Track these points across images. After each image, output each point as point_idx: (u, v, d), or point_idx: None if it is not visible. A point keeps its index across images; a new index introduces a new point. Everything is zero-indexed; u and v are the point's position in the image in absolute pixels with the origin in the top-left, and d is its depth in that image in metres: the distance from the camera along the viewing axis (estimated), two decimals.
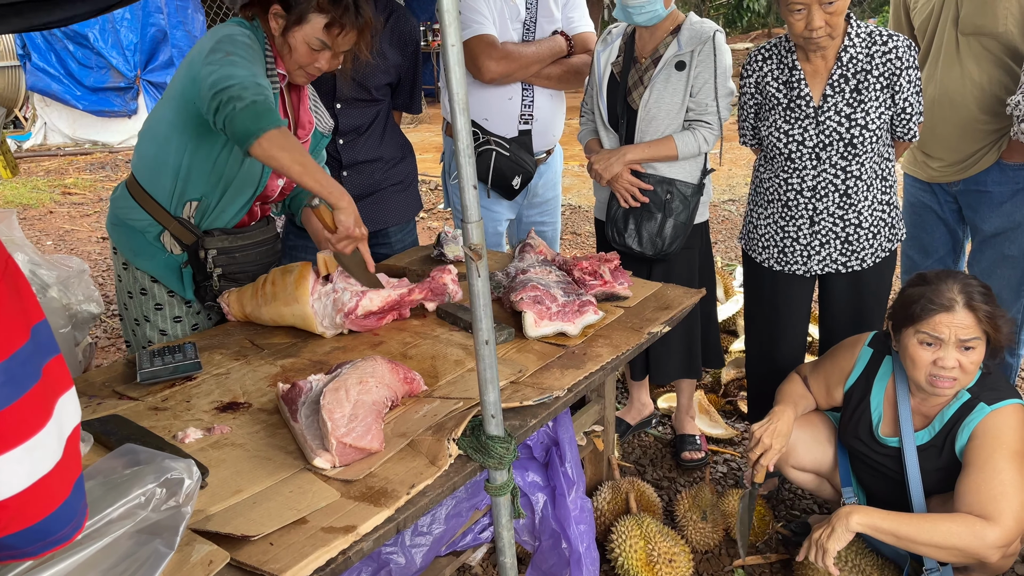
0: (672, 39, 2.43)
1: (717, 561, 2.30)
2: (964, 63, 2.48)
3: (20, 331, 0.75)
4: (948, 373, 1.83)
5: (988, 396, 1.88)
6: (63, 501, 0.77)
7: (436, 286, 2.09)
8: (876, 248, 2.35)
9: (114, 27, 8.96)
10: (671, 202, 2.45)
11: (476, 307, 1.35)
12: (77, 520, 0.82)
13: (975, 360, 1.84)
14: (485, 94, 2.69)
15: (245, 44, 1.87)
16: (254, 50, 1.88)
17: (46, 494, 0.75)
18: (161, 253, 2.06)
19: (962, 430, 1.88)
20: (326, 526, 1.24)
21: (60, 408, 0.78)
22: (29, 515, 0.75)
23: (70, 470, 0.78)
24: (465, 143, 1.28)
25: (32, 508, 0.75)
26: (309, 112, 2.15)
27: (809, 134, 2.24)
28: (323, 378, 1.58)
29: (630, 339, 1.92)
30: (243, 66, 1.81)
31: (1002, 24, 2.38)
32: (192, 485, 1.19)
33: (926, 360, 1.86)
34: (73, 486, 0.79)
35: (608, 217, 2.55)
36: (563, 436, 1.98)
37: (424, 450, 1.45)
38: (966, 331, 1.80)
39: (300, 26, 1.91)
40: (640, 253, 2.50)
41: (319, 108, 2.22)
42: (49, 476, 0.75)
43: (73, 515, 0.80)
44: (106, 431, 1.47)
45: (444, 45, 1.23)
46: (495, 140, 2.68)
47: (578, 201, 6.65)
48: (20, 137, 9.67)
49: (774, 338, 2.53)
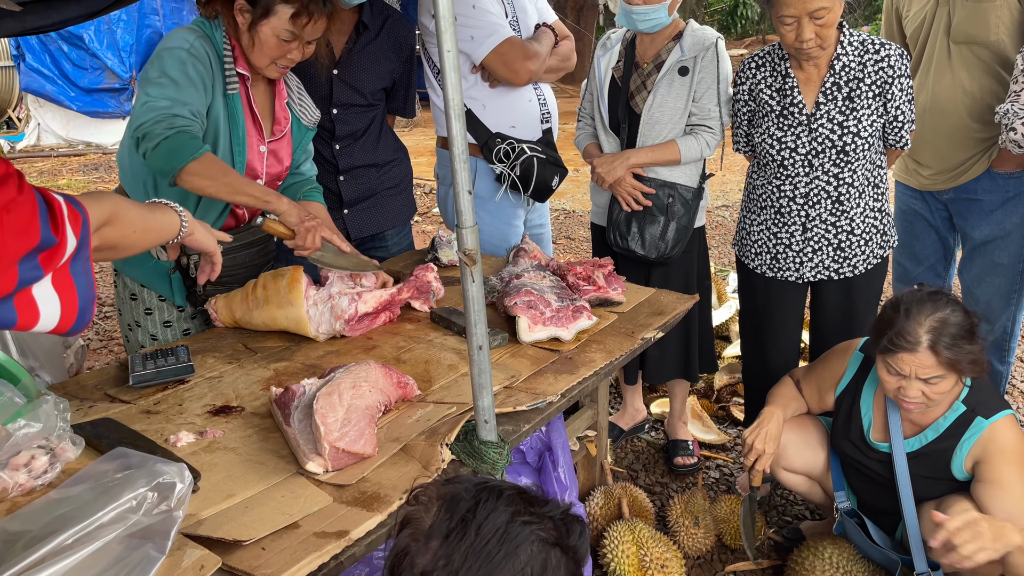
0: (674, 44, 2.44)
1: (709, 567, 2.30)
2: (955, 71, 2.49)
3: None
4: (912, 400, 1.85)
5: (984, 409, 1.88)
6: (73, 324, 1.13)
7: (421, 284, 2.12)
8: (868, 255, 2.36)
9: (109, 28, 8.93)
10: (673, 205, 2.47)
11: (470, 312, 1.35)
12: (88, 320, 1.16)
13: (941, 390, 1.83)
14: (508, 101, 2.61)
15: (180, 61, 1.84)
16: (192, 63, 1.85)
17: (66, 321, 1.12)
18: (149, 259, 2.04)
19: (961, 444, 1.89)
20: (318, 531, 1.24)
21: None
22: (64, 329, 1.13)
23: (70, 305, 1.12)
24: (460, 148, 1.29)
25: (62, 325, 1.12)
26: (284, 108, 2.11)
27: (802, 141, 2.26)
28: (316, 382, 1.58)
29: (623, 344, 1.92)
30: (167, 91, 1.81)
31: (994, 33, 2.40)
32: (184, 489, 1.19)
33: (892, 385, 1.87)
34: (77, 310, 1.12)
35: (610, 221, 2.55)
36: (556, 441, 1.99)
37: (417, 455, 1.45)
38: (926, 371, 1.80)
39: (267, 19, 1.87)
40: (643, 256, 2.50)
41: (304, 101, 2.17)
42: (63, 314, 1.11)
43: (85, 321, 1.15)
44: (98, 434, 1.46)
45: (440, 51, 1.23)
46: (529, 146, 2.60)
47: (572, 206, 6.66)
48: (13, 138, 9.63)
49: (768, 344, 2.54)
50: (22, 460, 1.32)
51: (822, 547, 2.08)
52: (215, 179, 1.80)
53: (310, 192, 2.20)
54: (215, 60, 1.91)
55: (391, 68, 2.56)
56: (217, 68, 1.92)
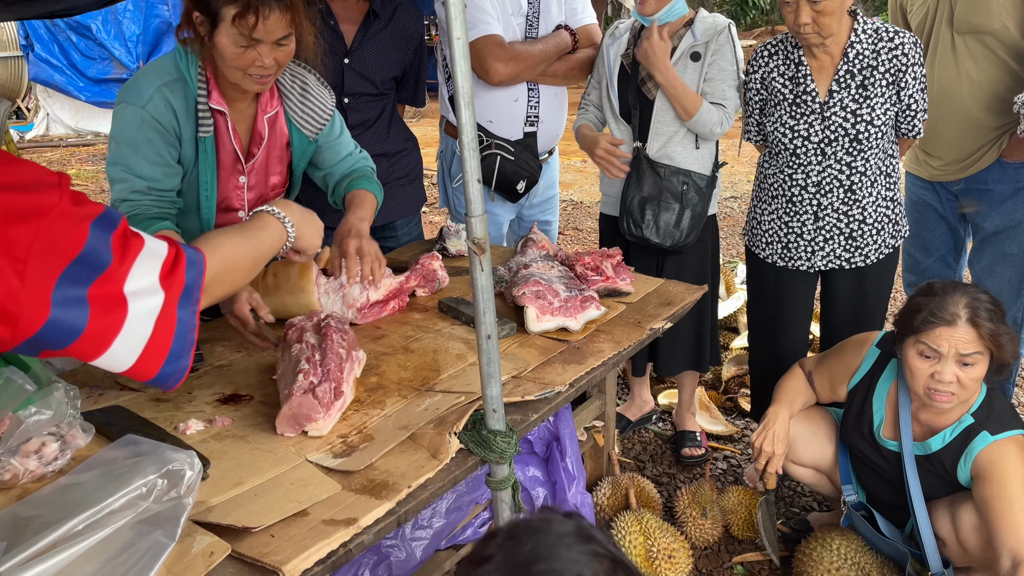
0: (686, 31, 2.43)
1: (716, 557, 2.30)
2: (960, 62, 2.47)
3: None
4: (945, 387, 1.81)
5: (992, 425, 1.85)
6: (160, 368, 1.05)
7: (427, 272, 2.13)
8: (880, 244, 2.34)
9: (117, 18, 8.94)
10: (687, 193, 2.45)
11: (479, 301, 1.35)
12: (178, 374, 1.09)
13: (975, 376, 1.81)
14: (491, 96, 2.64)
15: (134, 126, 1.73)
16: (146, 126, 1.73)
17: (148, 364, 1.04)
18: None
19: (964, 457, 1.87)
20: (327, 518, 1.24)
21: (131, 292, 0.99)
22: (144, 375, 1.05)
23: (162, 343, 1.04)
24: (469, 136, 1.28)
25: (143, 372, 1.05)
26: (264, 124, 1.91)
27: (815, 129, 2.24)
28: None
29: (632, 335, 1.92)
30: (123, 156, 1.74)
31: (997, 20, 2.36)
32: (193, 476, 1.20)
33: (924, 372, 1.83)
34: (166, 357, 1.05)
35: (623, 209, 2.51)
36: (564, 431, 1.99)
37: (425, 443, 1.45)
38: (966, 346, 1.77)
39: (218, 26, 1.67)
40: (657, 245, 2.47)
41: (309, 110, 1.97)
42: (144, 353, 1.03)
43: (172, 373, 1.07)
44: (108, 422, 1.47)
45: (450, 39, 1.22)
46: (499, 144, 2.63)
47: (580, 197, 6.64)
48: (23, 128, 9.66)
49: (777, 334, 2.53)
50: (33, 447, 1.32)
51: (830, 538, 2.07)
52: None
53: (355, 182, 2.05)
54: (183, 106, 1.77)
55: (401, 57, 2.55)
56: (186, 113, 1.78)
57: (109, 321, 0.98)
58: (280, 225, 1.38)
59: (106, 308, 0.97)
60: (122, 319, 0.98)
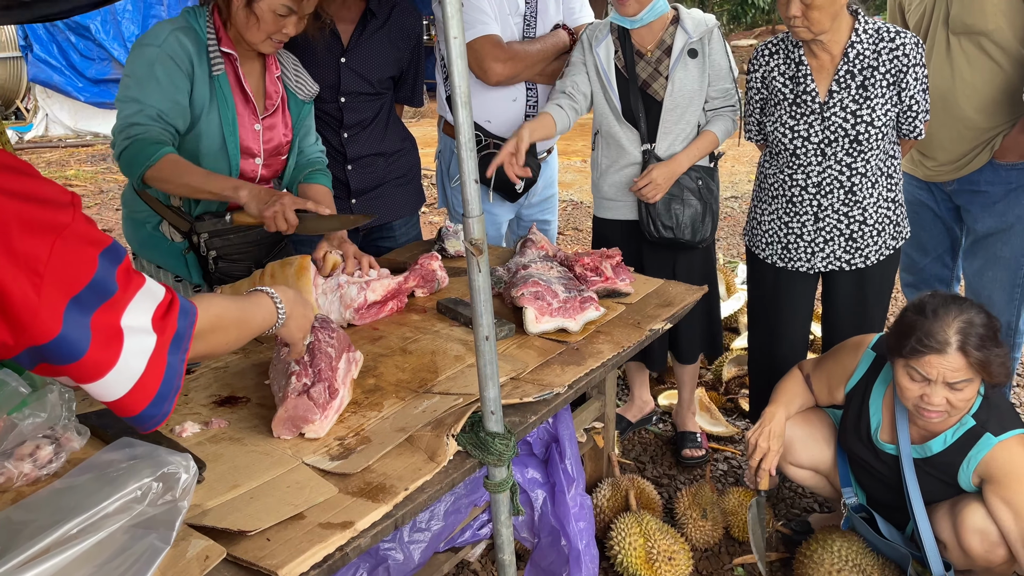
0: (675, 28, 2.43)
1: (717, 559, 2.29)
2: (955, 63, 2.46)
3: None
4: (935, 408, 1.79)
5: (994, 426, 1.83)
6: (145, 407, 1.06)
7: (426, 272, 2.13)
8: (880, 246, 2.33)
9: (115, 18, 8.94)
10: (704, 187, 2.49)
11: (477, 302, 1.34)
12: (159, 418, 1.10)
13: (965, 398, 1.78)
14: (489, 96, 2.63)
15: (147, 61, 1.91)
16: (160, 61, 1.91)
17: (135, 401, 1.06)
18: (164, 242, 2.12)
19: (968, 460, 1.85)
20: (323, 522, 1.23)
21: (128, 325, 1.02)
22: (128, 411, 1.06)
23: (151, 383, 1.05)
24: (466, 136, 1.27)
25: (128, 407, 1.06)
26: (276, 82, 2.14)
27: (815, 130, 2.23)
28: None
29: (631, 336, 1.91)
30: (131, 92, 1.90)
31: (992, 21, 2.35)
32: (189, 479, 1.18)
33: (914, 393, 1.81)
34: (155, 394, 1.06)
35: (647, 212, 2.48)
36: (563, 433, 1.98)
37: (423, 446, 1.44)
38: (955, 374, 1.74)
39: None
40: (687, 242, 2.49)
41: (301, 76, 2.20)
42: (134, 390, 1.04)
43: (154, 415, 1.08)
44: (103, 424, 1.46)
45: (447, 38, 1.21)
46: (498, 143, 2.59)
47: (579, 196, 6.63)
48: (21, 128, 9.66)
49: (776, 335, 2.52)
50: (27, 450, 1.32)
51: (831, 540, 2.07)
52: (172, 181, 1.88)
53: (312, 175, 2.21)
54: (195, 48, 1.95)
55: (398, 56, 2.54)
56: (198, 55, 1.96)
57: (109, 349, 1.01)
58: (273, 307, 1.40)
59: (107, 337, 1.01)
60: (119, 350, 1.01)
